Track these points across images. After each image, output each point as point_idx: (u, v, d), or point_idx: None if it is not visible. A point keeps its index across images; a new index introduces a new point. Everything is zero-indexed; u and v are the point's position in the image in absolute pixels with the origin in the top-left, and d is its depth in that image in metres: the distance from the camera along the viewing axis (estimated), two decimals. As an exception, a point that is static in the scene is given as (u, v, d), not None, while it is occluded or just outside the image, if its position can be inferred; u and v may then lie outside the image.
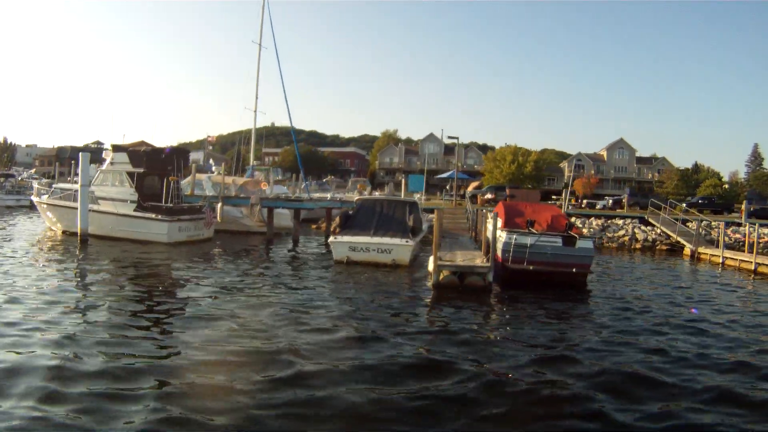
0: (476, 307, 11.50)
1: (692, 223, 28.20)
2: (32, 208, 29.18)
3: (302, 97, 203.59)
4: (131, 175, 21.27)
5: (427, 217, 23.43)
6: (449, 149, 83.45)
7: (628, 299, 13.09)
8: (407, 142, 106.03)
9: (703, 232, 27.70)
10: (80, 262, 15.50)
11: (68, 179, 37.19)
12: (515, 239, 14.27)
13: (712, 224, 29.67)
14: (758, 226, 23.65)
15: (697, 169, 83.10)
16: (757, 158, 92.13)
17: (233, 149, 43.51)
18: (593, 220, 30.73)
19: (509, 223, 15.41)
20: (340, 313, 10.27)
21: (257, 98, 33.95)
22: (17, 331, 8.17)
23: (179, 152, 23.48)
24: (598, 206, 41.81)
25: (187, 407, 5.73)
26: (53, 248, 18.11)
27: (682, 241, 26.08)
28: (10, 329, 8.23)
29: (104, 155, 23.35)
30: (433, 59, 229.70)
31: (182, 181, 23.87)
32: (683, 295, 14.33)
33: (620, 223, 30.28)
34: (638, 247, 27.18)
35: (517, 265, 14.08)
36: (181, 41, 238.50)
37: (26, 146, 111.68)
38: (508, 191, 33.23)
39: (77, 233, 18.90)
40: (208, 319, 9.39)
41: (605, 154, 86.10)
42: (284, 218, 25.60)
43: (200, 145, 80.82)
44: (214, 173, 30.37)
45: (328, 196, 31.06)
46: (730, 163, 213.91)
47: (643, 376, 7.36)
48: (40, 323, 8.62)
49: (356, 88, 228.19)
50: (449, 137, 43.08)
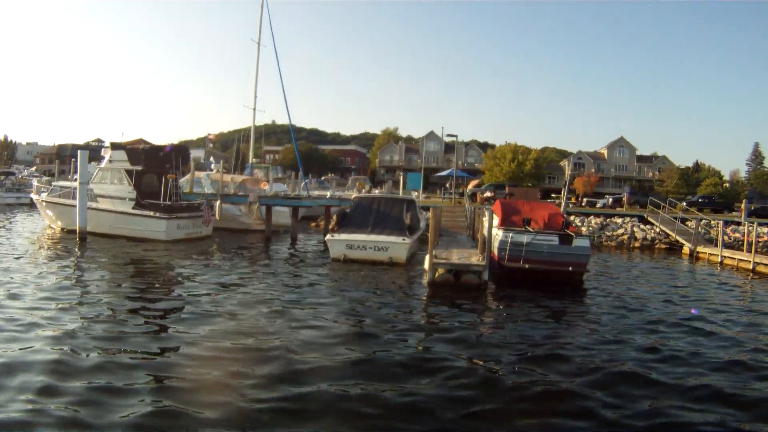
0: (470, 305, 11.52)
1: (691, 222, 28.18)
2: (32, 206, 29.27)
3: (303, 95, 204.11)
4: (130, 172, 21.34)
5: (424, 215, 23.42)
6: (449, 147, 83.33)
7: (624, 298, 13.11)
8: (408, 140, 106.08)
9: (702, 231, 27.68)
10: (79, 259, 15.57)
11: (69, 177, 37.31)
12: (511, 237, 14.29)
13: (711, 223, 29.66)
14: (756, 225, 23.66)
15: (697, 167, 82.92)
16: (757, 157, 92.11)
17: (233, 147, 43.55)
18: (592, 218, 30.72)
19: (506, 221, 15.42)
20: (335, 310, 10.32)
21: (256, 96, 34.15)
22: (16, 326, 8.25)
23: (179, 150, 23.52)
24: (598, 204, 41.77)
25: (182, 402, 5.80)
26: (52, 246, 18.18)
27: (681, 239, 26.07)
28: (9, 325, 8.33)
29: (102, 153, 23.43)
30: (433, 58, 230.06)
31: (182, 179, 23.92)
32: (680, 293, 14.34)
33: (619, 221, 30.26)
34: (637, 245, 27.16)
35: (513, 263, 14.10)
36: (180, 40, 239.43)
37: (27, 144, 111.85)
38: (507, 189, 33.22)
39: (76, 231, 18.99)
40: (205, 315, 9.46)
41: (606, 152, 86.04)
42: (283, 216, 25.60)
43: (201, 143, 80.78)
44: (213, 171, 30.34)
45: (327, 194, 31.05)
46: (731, 161, 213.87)
47: (635, 374, 7.39)
48: (38, 319, 8.70)
49: (357, 86, 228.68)
50: (448, 135, 42.81)
